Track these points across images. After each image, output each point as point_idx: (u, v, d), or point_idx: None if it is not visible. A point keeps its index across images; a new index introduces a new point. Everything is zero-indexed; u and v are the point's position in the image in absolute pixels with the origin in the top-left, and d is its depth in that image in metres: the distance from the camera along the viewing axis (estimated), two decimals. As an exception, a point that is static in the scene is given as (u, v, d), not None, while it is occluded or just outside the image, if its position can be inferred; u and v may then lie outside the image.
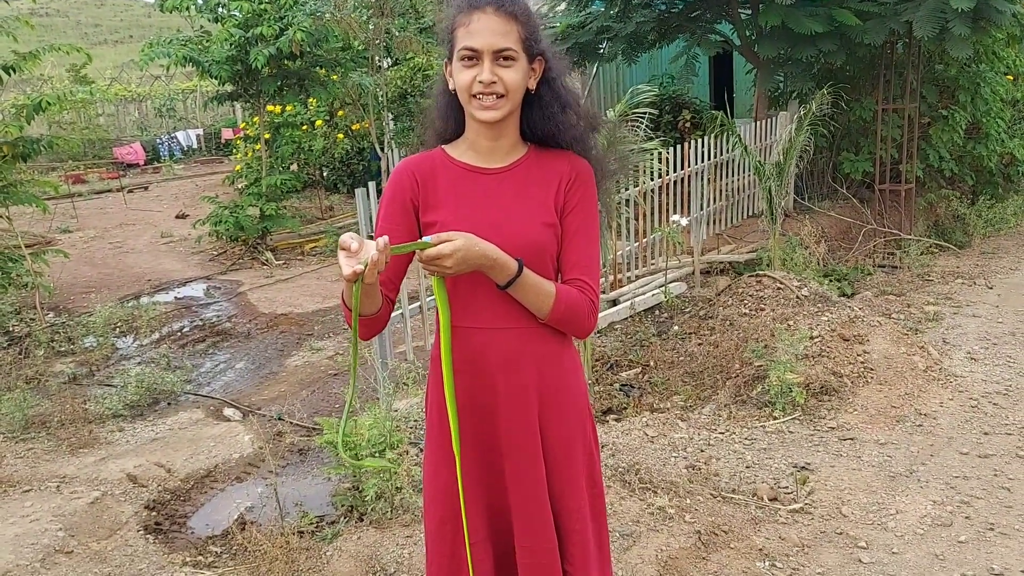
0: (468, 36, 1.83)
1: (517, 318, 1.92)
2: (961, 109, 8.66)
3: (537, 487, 1.97)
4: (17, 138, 6.21)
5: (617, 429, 4.36)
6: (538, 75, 1.93)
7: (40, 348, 6.22)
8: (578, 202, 1.95)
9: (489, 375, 1.93)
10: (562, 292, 1.90)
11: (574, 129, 1.96)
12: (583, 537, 2.04)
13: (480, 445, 1.97)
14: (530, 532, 1.98)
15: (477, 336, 1.92)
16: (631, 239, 6.76)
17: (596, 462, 2.11)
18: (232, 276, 8.57)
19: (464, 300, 1.90)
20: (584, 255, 1.96)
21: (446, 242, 1.71)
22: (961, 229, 8.41)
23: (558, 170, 1.96)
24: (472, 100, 1.86)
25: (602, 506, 2.14)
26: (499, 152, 1.95)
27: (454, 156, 1.97)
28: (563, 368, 2.00)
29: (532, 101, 1.94)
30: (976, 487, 3.69)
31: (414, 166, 1.97)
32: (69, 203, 11.87)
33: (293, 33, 8.06)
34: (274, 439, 4.66)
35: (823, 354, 4.78)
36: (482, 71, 1.82)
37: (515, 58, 1.84)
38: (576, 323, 1.94)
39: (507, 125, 1.92)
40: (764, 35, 8.17)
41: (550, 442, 1.99)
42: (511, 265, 1.82)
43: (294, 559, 3.24)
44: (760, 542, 3.31)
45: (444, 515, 2.01)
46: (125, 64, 23.63)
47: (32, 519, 3.74)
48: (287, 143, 10.82)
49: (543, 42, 1.92)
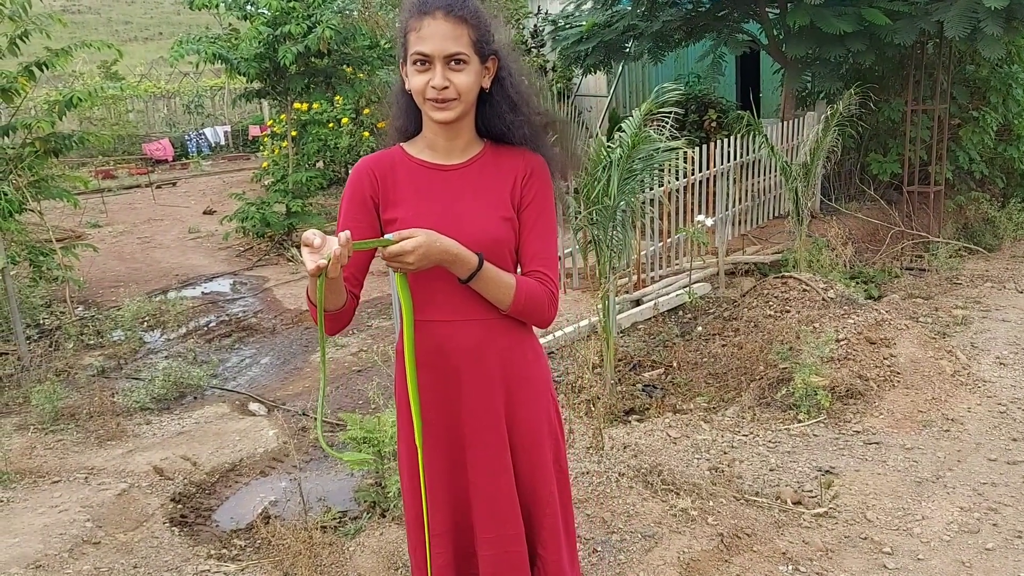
0: (419, 41, 1.86)
1: (479, 310, 1.96)
2: (992, 110, 8.54)
3: (502, 477, 2.03)
4: (49, 134, 6.30)
5: (640, 430, 4.35)
6: (492, 74, 1.96)
7: (70, 341, 6.32)
8: (534, 196, 2.01)
9: (453, 367, 1.99)
10: (522, 284, 1.96)
11: (523, 128, 2.00)
12: (554, 522, 2.12)
13: (445, 438, 2.03)
14: (493, 523, 2.04)
15: (440, 329, 1.97)
16: (655, 239, 6.73)
17: (562, 447, 2.18)
18: (258, 272, 8.63)
19: (426, 294, 1.95)
20: (542, 247, 2.01)
21: (407, 239, 1.76)
22: (991, 232, 8.27)
23: (513, 166, 2.01)
24: (427, 102, 1.90)
25: (567, 488, 2.21)
26: (456, 149, 2.00)
27: (412, 154, 2.02)
28: (526, 358, 2.07)
29: (485, 100, 1.98)
30: (1004, 494, 3.64)
31: (373, 164, 2.02)
32: (99, 198, 12.01)
33: (322, 31, 8.11)
34: (298, 434, 4.69)
35: (849, 357, 4.74)
36: (434, 76, 1.86)
37: (466, 61, 1.87)
38: (537, 314, 2.00)
39: (462, 124, 1.97)
40: (792, 34, 8.09)
41: (518, 431, 2.05)
42: (471, 259, 1.87)
43: (317, 554, 3.26)
44: (783, 546, 3.29)
45: (418, 507, 2.07)
46: (155, 61, 23.93)
47: (61, 509, 3.80)
48: (313, 140, 10.88)
49: (496, 41, 1.95)
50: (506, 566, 2.04)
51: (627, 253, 4.91)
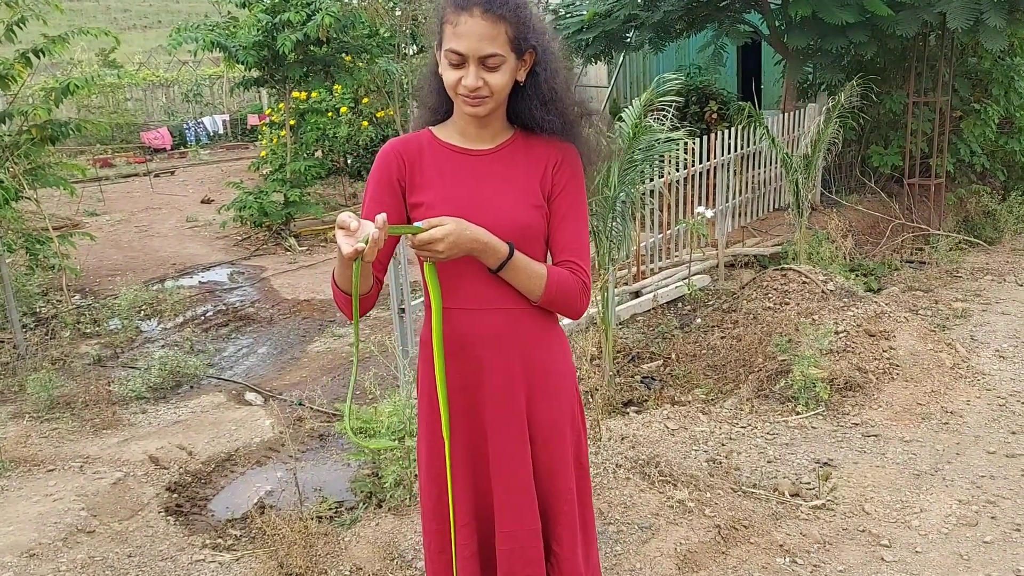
0: (455, 38, 1.80)
1: (505, 299, 1.93)
2: (994, 103, 8.50)
3: (521, 470, 1.99)
4: (46, 121, 6.26)
5: (638, 421, 4.34)
6: (528, 67, 1.90)
7: (66, 330, 6.30)
8: (565, 185, 1.96)
9: (475, 357, 1.95)
10: (553, 274, 1.92)
11: (554, 123, 1.95)
12: (571, 519, 2.07)
13: (467, 427, 1.99)
14: (512, 516, 1.99)
15: (464, 317, 1.93)
16: (655, 230, 6.71)
17: (583, 444, 2.13)
18: (256, 261, 8.61)
19: (452, 281, 1.91)
20: (574, 237, 1.97)
21: (437, 227, 1.72)
22: (991, 225, 8.25)
23: (544, 153, 1.97)
24: (459, 96, 1.86)
25: (588, 488, 2.16)
26: (486, 136, 1.96)
27: (441, 138, 1.97)
28: (551, 350, 2.02)
29: (518, 91, 1.93)
30: (1003, 487, 3.63)
31: (401, 146, 1.97)
32: (96, 187, 11.97)
33: (321, 18, 8.06)
34: (294, 424, 4.68)
35: (848, 349, 4.72)
36: (467, 75, 1.81)
37: (502, 61, 1.82)
38: (568, 304, 1.96)
39: (494, 115, 1.93)
40: (794, 25, 8.04)
41: (538, 424, 2.01)
42: (502, 248, 1.84)
43: (312, 544, 3.25)
44: (781, 538, 3.28)
45: (439, 496, 2.04)
46: (153, 49, 23.83)
47: (55, 498, 3.78)
48: (312, 130, 10.84)
49: (535, 34, 1.88)
50: (520, 562, 2.00)
51: (627, 244, 4.88)
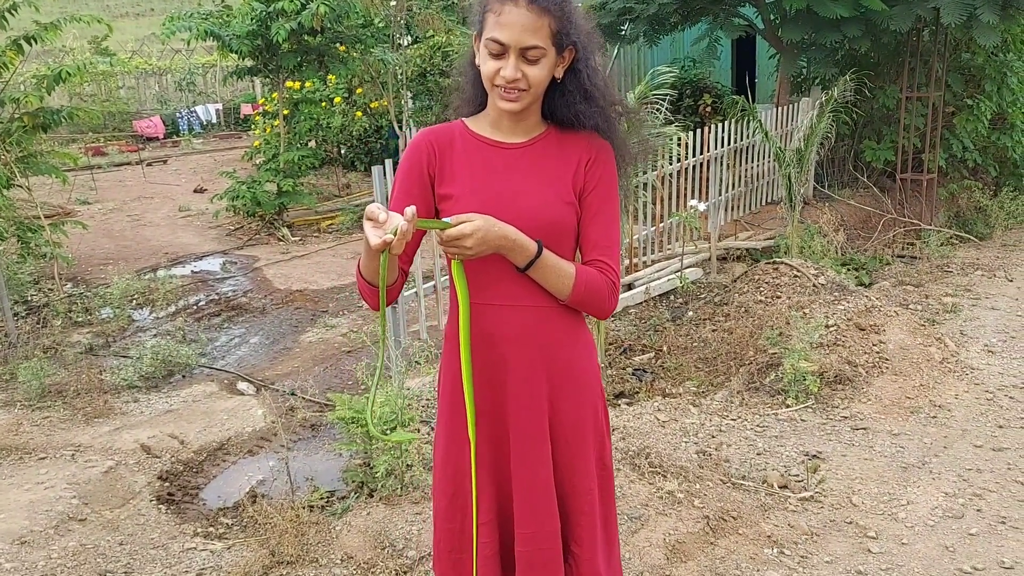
0: (497, 27, 1.77)
1: (531, 296, 1.90)
2: (987, 99, 8.52)
3: (542, 469, 1.96)
4: (38, 108, 6.23)
5: (628, 413, 4.36)
6: (567, 63, 1.88)
7: (58, 318, 6.28)
8: (598, 182, 1.93)
9: (499, 353, 1.92)
10: (582, 273, 1.88)
11: (595, 119, 1.92)
12: (591, 519, 2.03)
13: (489, 424, 1.96)
14: (532, 518, 1.96)
15: (489, 312, 1.90)
16: (648, 223, 6.72)
17: (607, 444, 2.10)
18: (248, 251, 8.60)
19: (480, 278, 1.88)
20: (604, 236, 1.94)
21: (465, 223, 1.70)
22: (982, 220, 8.30)
23: (577, 149, 1.93)
24: (495, 88, 1.83)
25: (611, 488, 2.13)
26: (519, 129, 1.93)
27: (474, 129, 1.95)
28: (576, 349, 1.99)
29: (556, 87, 1.90)
30: (989, 480, 3.66)
31: (433, 136, 1.94)
32: (88, 175, 11.92)
33: (316, 7, 8.02)
34: (286, 414, 4.68)
35: (838, 343, 4.75)
36: (506, 66, 1.78)
37: (543, 54, 1.79)
38: (596, 304, 1.92)
39: (529, 110, 1.90)
40: (788, 19, 8.06)
41: (561, 423, 1.98)
42: (530, 246, 1.81)
43: (304, 532, 3.26)
44: (769, 529, 3.30)
45: (455, 493, 2.00)
46: (146, 37, 23.67)
47: (47, 486, 3.79)
48: (305, 119, 10.81)
49: (577, 31, 1.85)
50: (539, 564, 1.97)
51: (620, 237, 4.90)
